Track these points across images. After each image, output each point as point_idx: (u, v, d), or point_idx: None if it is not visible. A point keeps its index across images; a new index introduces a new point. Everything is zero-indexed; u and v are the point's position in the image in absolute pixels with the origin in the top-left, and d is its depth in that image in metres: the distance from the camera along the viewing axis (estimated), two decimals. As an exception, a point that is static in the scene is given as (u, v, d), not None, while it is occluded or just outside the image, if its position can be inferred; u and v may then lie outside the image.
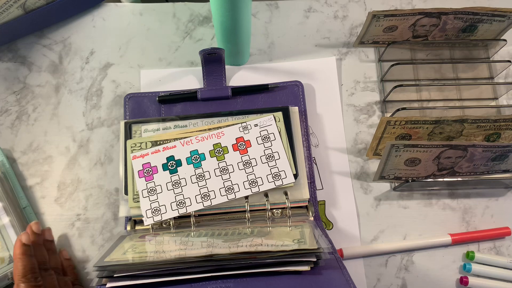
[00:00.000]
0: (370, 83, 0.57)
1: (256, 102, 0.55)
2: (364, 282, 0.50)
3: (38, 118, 0.56)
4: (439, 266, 0.51)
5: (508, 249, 0.51)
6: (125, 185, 0.49)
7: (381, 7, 0.61)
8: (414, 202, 0.53)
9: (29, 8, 0.55)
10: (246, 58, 0.58)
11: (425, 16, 0.53)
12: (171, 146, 0.50)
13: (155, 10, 0.61)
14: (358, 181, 0.53)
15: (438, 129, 0.49)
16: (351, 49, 0.59)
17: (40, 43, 0.59)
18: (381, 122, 0.49)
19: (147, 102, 0.55)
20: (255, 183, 0.48)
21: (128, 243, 0.43)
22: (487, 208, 0.53)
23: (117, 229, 0.52)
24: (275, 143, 0.50)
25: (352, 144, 0.55)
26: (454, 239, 0.51)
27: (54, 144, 0.55)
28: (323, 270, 0.38)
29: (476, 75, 0.57)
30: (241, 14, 0.48)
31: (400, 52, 0.57)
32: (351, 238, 0.51)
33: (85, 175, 0.54)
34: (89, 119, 0.56)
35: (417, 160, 0.48)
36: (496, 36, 0.57)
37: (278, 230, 0.44)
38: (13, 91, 0.57)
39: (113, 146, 0.55)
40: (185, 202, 0.48)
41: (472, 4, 0.60)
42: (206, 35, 0.60)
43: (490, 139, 0.51)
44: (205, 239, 0.42)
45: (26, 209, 0.52)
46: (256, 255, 0.37)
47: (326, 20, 0.60)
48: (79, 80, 0.57)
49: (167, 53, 0.59)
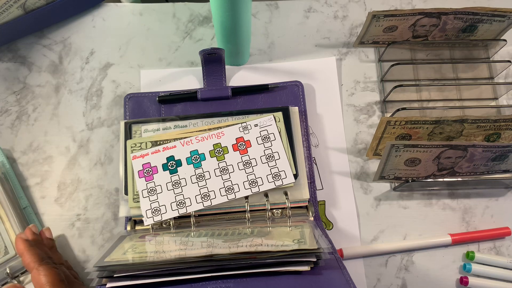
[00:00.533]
0: (370, 83, 0.57)
1: (256, 102, 0.55)
2: (364, 282, 0.50)
3: (38, 118, 0.56)
4: (439, 266, 0.51)
5: (508, 249, 0.51)
6: (125, 185, 0.49)
7: (381, 7, 0.61)
8: (414, 202, 0.53)
9: (29, 8, 0.55)
10: (246, 58, 0.58)
11: (425, 16, 0.53)
12: (171, 146, 0.50)
13: (155, 10, 0.61)
14: (358, 181, 0.53)
15: (438, 129, 0.49)
16: (351, 49, 0.59)
17: (40, 43, 0.59)
18: (381, 122, 0.49)
19: (147, 102, 0.55)
20: (255, 183, 0.48)
21: (128, 243, 0.43)
22: (487, 208, 0.53)
23: (117, 229, 0.52)
24: (275, 143, 0.50)
25: (352, 144, 0.55)
26: (454, 239, 0.51)
27: (54, 144, 0.55)
28: (323, 270, 0.38)
29: (476, 75, 0.57)
30: (241, 14, 0.48)
31: (400, 52, 0.57)
32: (351, 238, 0.51)
33: (85, 175, 0.54)
34: (89, 119, 0.56)
35: (417, 160, 0.48)
36: (496, 36, 0.57)
37: (278, 230, 0.44)
38: (13, 91, 0.57)
39: (113, 146, 0.55)
40: (185, 202, 0.48)
41: (472, 4, 0.60)
42: (206, 35, 0.60)
43: (490, 139, 0.51)
44: (205, 239, 0.42)
45: (26, 209, 0.52)
46: (256, 255, 0.37)
47: (326, 20, 0.60)
48: (79, 80, 0.57)
49: (167, 53, 0.59)
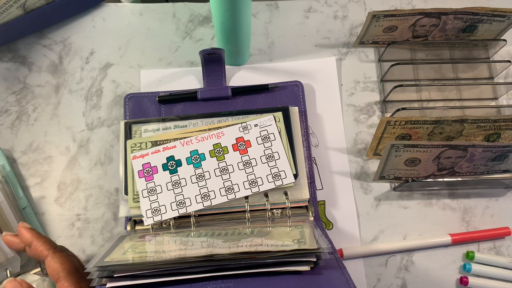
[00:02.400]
0: (370, 83, 0.57)
1: (256, 102, 0.55)
2: (364, 282, 0.50)
3: (38, 118, 0.56)
4: (439, 266, 0.51)
5: (508, 249, 0.51)
6: (125, 185, 0.49)
7: (381, 7, 0.61)
8: (414, 202, 0.53)
9: (29, 8, 0.55)
10: (246, 58, 0.58)
11: (425, 16, 0.53)
12: (171, 146, 0.50)
13: (155, 10, 0.61)
14: (358, 181, 0.53)
15: (438, 129, 0.49)
16: (351, 49, 0.59)
17: (40, 43, 0.59)
18: (381, 122, 0.49)
19: (147, 102, 0.55)
20: (255, 183, 0.48)
21: (128, 243, 0.43)
22: (487, 208, 0.53)
23: (117, 229, 0.52)
24: (275, 143, 0.50)
25: (352, 144, 0.55)
26: (454, 239, 0.51)
27: (54, 144, 0.55)
28: (323, 270, 0.38)
29: (476, 75, 0.57)
30: (241, 14, 0.48)
31: (400, 52, 0.57)
32: (351, 238, 0.51)
33: (85, 175, 0.54)
34: (89, 119, 0.56)
35: (417, 160, 0.48)
36: (496, 36, 0.57)
37: (278, 230, 0.44)
38: (13, 91, 0.57)
39: (113, 146, 0.55)
40: (185, 202, 0.48)
41: (472, 4, 0.60)
42: (206, 35, 0.60)
43: (490, 139, 0.51)
44: (205, 239, 0.42)
45: (26, 209, 0.52)
46: (256, 255, 0.37)
47: (326, 20, 0.60)
48: (79, 80, 0.57)
49: (167, 53, 0.59)
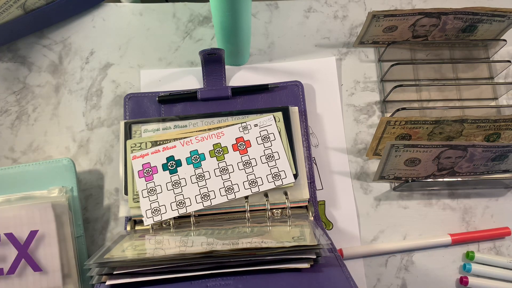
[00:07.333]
0: (370, 83, 0.57)
1: (256, 102, 0.55)
2: (364, 282, 0.50)
3: (38, 118, 0.56)
4: (439, 266, 0.51)
5: (508, 249, 0.51)
6: (125, 185, 0.49)
7: (381, 7, 0.61)
8: (414, 202, 0.53)
9: (29, 8, 0.55)
10: (246, 58, 0.58)
11: (425, 16, 0.53)
12: (171, 146, 0.50)
13: (155, 10, 0.61)
14: (358, 181, 0.53)
15: (438, 129, 0.49)
16: (351, 49, 0.59)
17: (40, 43, 0.59)
18: (381, 122, 0.49)
19: (147, 102, 0.55)
20: (255, 183, 0.48)
21: (127, 242, 0.43)
22: (487, 208, 0.53)
23: (117, 229, 0.52)
24: (275, 143, 0.50)
25: (352, 144, 0.55)
26: (454, 239, 0.51)
27: (54, 144, 0.55)
28: (323, 268, 0.38)
29: (476, 75, 0.57)
30: (241, 14, 0.48)
31: (400, 52, 0.57)
32: (351, 238, 0.51)
33: (85, 175, 0.54)
34: (89, 119, 0.56)
35: (417, 160, 0.48)
36: (496, 36, 0.57)
37: (278, 229, 0.44)
38: (13, 91, 0.57)
39: (113, 146, 0.55)
40: (185, 202, 0.48)
41: (472, 4, 0.61)
42: (206, 35, 0.60)
43: (490, 139, 0.51)
44: (204, 238, 0.42)
45: (79, 238, 0.48)
46: (256, 251, 0.37)
47: (326, 20, 0.60)
48: (79, 80, 0.58)
49: (167, 53, 0.59)
